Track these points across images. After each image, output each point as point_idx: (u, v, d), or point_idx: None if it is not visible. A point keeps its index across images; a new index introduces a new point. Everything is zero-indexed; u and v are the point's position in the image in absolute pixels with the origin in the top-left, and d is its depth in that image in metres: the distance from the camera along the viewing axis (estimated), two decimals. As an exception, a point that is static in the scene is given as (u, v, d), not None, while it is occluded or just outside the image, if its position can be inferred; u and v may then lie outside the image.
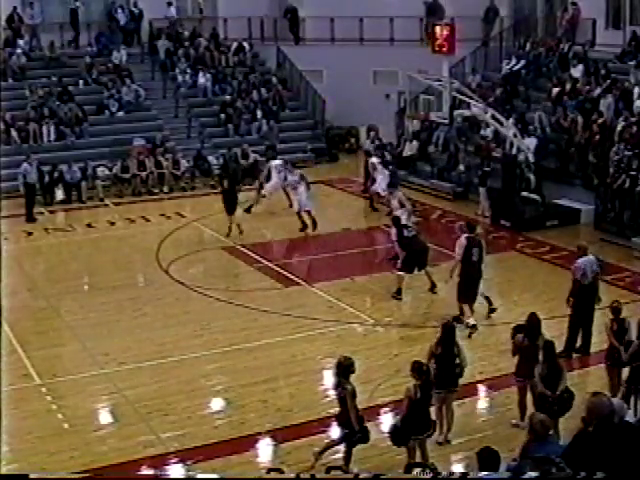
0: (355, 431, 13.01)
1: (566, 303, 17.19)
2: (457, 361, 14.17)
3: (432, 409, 13.54)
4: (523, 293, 20.90)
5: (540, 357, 13.97)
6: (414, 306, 20.30)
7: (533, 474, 8.88)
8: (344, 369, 13.00)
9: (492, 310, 19.22)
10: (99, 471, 13.48)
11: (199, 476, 13.75)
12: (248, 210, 27.41)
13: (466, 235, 18.77)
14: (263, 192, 28.00)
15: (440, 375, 13.82)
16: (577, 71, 30.35)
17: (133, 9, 37.79)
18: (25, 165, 28.56)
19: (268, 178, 28.14)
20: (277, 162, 28.46)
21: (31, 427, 14.92)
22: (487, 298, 19.24)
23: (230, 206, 25.50)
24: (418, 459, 12.94)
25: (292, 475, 12.48)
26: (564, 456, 9.10)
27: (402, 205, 23.94)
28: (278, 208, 28.15)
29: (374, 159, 28.28)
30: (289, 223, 26.58)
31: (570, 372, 16.13)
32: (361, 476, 11.18)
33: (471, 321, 18.29)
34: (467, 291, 18.60)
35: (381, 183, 27.30)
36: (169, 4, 37.77)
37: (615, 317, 15.13)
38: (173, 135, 33.73)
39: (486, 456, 9.25)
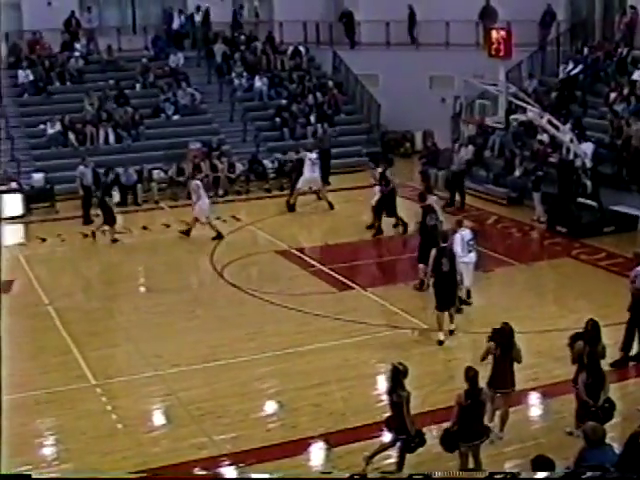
0: (412, 436, 12.99)
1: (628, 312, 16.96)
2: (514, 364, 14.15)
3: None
4: (578, 300, 20.69)
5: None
6: (467, 312, 20.10)
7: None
8: (399, 375, 12.99)
9: (465, 302, 19.69)
10: (151, 472, 13.56)
11: (253, 476, 13.79)
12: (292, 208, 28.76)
13: (439, 246, 18.52)
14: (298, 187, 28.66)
15: (495, 376, 13.93)
16: (639, 75, 29.92)
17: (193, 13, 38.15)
18: (81, 167, 28.83)
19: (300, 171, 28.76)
20: (313, 155, 28.86)
21: (85, 427, 15.06)
22: (468, 291, 19.79)
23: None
24: (471, 465, 12.87)
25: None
26: (619, 465, 9.01)
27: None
28: (333, 210, 28.34)
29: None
30: (344, 226, 26.62)
31: (625, 381, 16.04)
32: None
33: (441, 336, 17.95)
34: (439, 301, 18.19)
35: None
36: (197, 8, 38.11)
37: None
38: (228, 138, 33.91)
39: (540, 463, 9.18)
